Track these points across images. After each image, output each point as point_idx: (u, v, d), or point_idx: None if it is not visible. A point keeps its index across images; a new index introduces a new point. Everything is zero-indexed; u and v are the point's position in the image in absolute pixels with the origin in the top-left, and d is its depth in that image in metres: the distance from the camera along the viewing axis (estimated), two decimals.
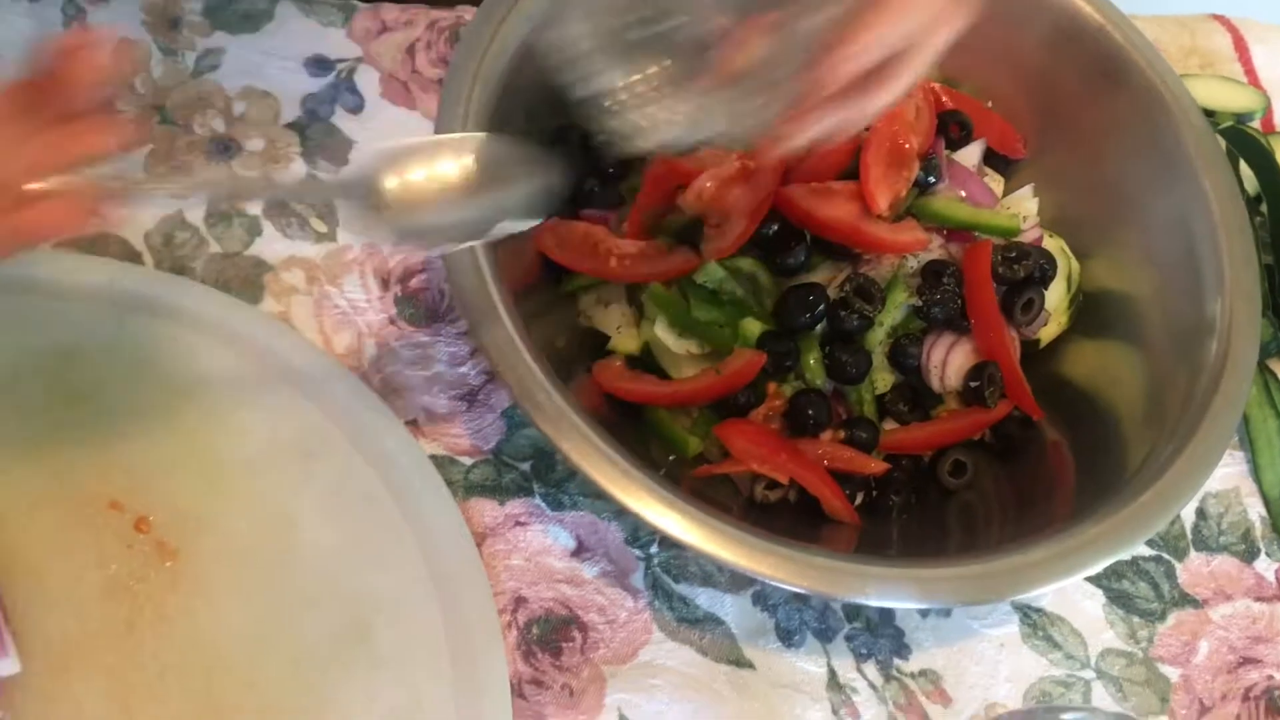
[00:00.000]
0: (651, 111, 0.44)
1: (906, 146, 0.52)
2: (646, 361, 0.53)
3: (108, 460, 0.49)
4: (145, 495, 0.49)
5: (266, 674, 0.46)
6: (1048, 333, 0.57)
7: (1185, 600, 0.58)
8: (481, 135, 0.46)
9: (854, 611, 0.54)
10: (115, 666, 0.45)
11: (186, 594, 0.47)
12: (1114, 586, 0.57)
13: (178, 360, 0.52)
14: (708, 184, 0.50)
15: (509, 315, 0.46)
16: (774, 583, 0.43)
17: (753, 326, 0.50)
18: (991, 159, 0.61)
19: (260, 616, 0.47)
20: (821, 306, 0.50)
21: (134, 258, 0.55)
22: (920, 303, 0.52)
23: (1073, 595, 0.57)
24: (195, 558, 0.48)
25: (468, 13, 0.65)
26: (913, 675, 0.54)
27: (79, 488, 0.48)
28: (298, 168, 0.58)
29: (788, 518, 0.50)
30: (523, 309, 0.48)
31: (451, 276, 0.47)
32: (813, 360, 0.51)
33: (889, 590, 0.44)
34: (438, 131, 0.50)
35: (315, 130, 0.60)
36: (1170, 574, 0.58)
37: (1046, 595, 0.57)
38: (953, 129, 0.57)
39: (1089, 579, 0.57)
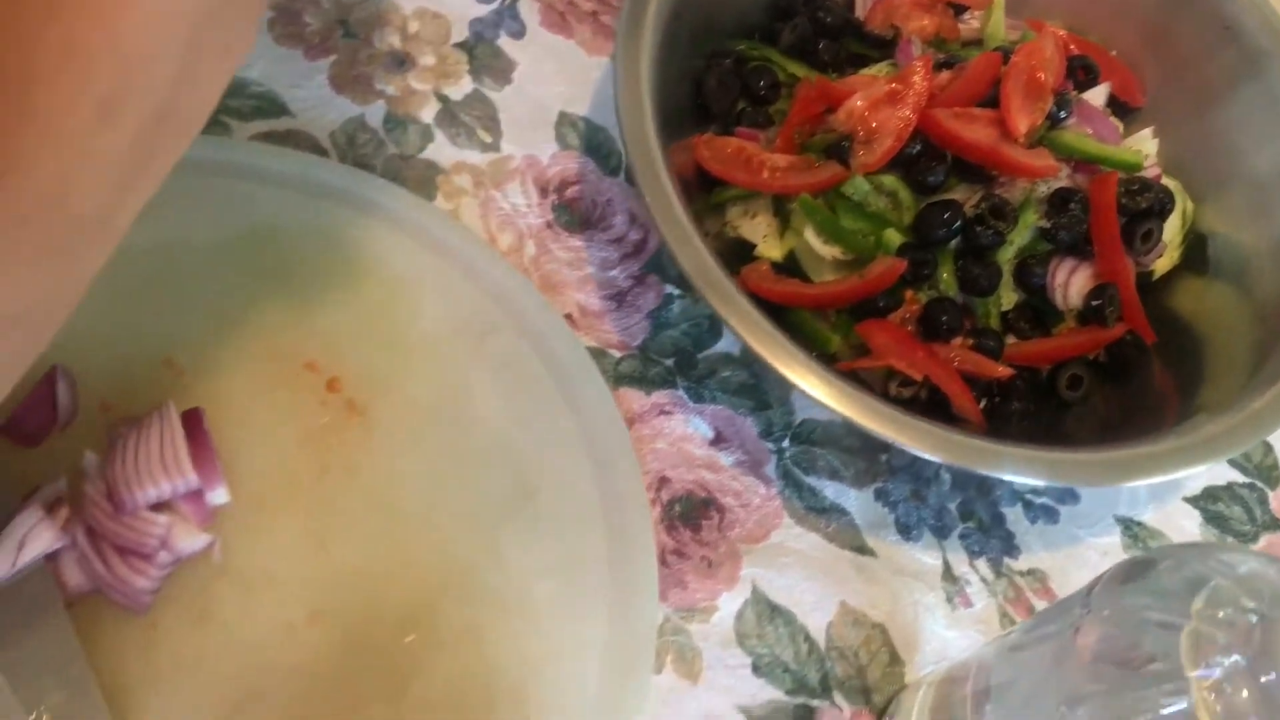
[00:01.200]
0: None
1: (1042, 79, 0.56)
2: (790, 268, 0.57)
3: (304, 326, 0.54)
4: (336, 359, 0.54)
5: (444, 523, 0.51)
6: (1161, 265, 0.60)
7: (1275, 525, 0.61)
8: None
9: (968, 513, 0.58)
10: (310, 506, 0.50)
11: (373, 448, 0.52)
12: (1210, 508, 0.61)
13: (363, 243, 0.57)
14: (859, 104, 0.54)
15: (682, 210, 0.50)
16: (918, 453, 0.47)
17: (894, 237, 0.54)
18: (1111, 106, 0.65)
19: (439, 472, 0.52)
20: (959, 222, 0.54)
21: (321, 153, 0.59)
22: (1048, 225, 0.56)
23: (1172, 514, 0.61)
24: (381, 417, 0.53)
25: None
26: (1021, 573, 0.58)
27: (279, 349, 0.53)
28: (466, 83, 0.63)
29: (918, 414, 0.54)
30: None
31: (633, 170, 0.51)
32: (946, 273, 0.55)
33: (1022, 467, 0.48)
34: (616, 50, 0.54)
35: (481, 51, 0.64)
36: (1263, 500, 0.62)
37: (1148, 510, 0.60)
38: (1079, 72, 0.61)
39: (1187, 499, 0.61)
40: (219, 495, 0.49)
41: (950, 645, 0.55)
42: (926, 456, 0.47)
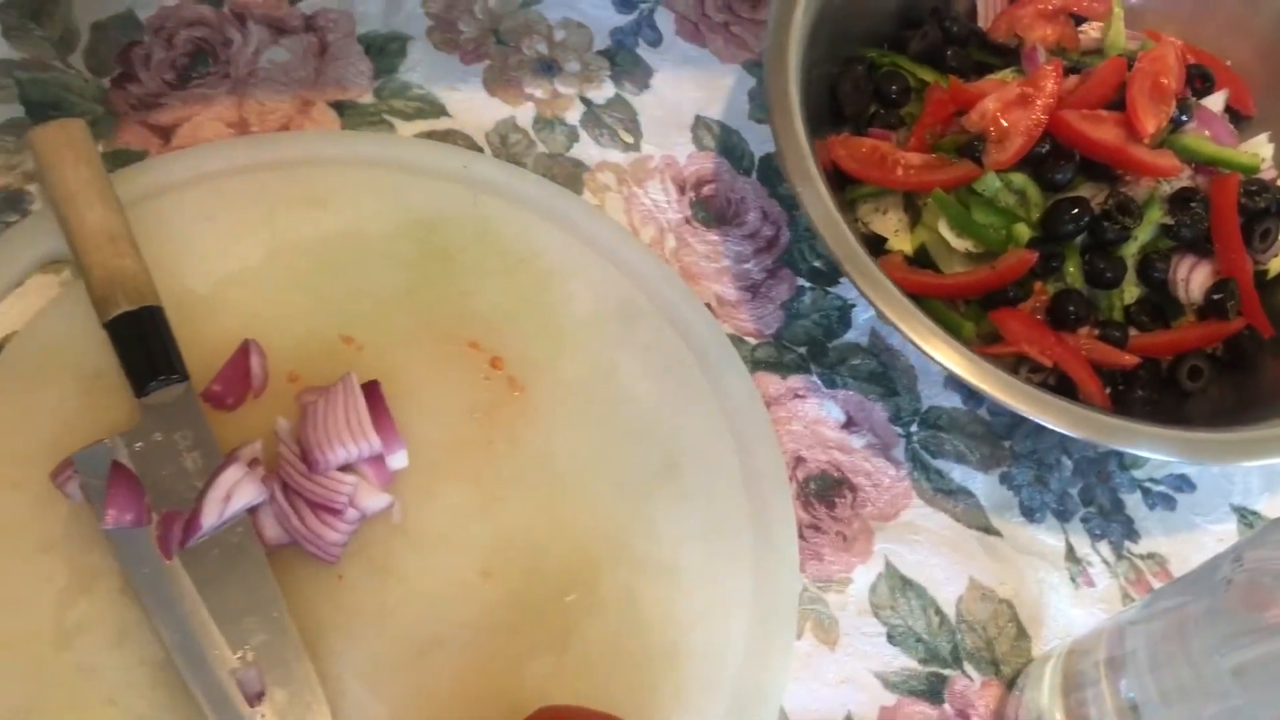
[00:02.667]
0: None
1: (1165, 84, 0.59)
2: (920, 262, 0.60)
3: (466, 308, 0.58)
4: (497, 339, 0.57)
5: (596, 492, 0.55)
6: (1276, 264, 0.63)
7: None
8: None
9: (1089, 498, 0.61)
10: (476, 474, 0.54)
11: (532, 422, 0.56)
12: None
13: (518, 233, 0.61)
14: (992, 105, 0.58)
15: (831, 201, 0.54)
16: (1058, 428, 0.50)
17: (1024, 231, 0.57)
18: (1226, 114, 0.67)
19: (591, 445, 0.56)
20: (1086, 218, 0.57)
21: (477, 150, 0.64)
22: (1171, 222, 0.59)
23: None
24: (538, 393, 0.56)
25: None
26: (1141, 556, 0.60)
27: (444, 329, 0.57)
28: (608, 88, 0.67)
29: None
30: None
31: (787, 167, 0.55)
32: (1073, 266, 0.58)
33: (1157, 444, 0.51)
34: (765, 56, 0.58)
35: (622, 58, 0.68)
36: None
37: (1262, 500, 0.62)
38: (1197, 81, 0.64)
39: None
40: (399, 459, 0.53)
41: (1075, 622, 0.57)
42: (1066, 431, 0.50)
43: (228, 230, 0.57)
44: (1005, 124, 0.57)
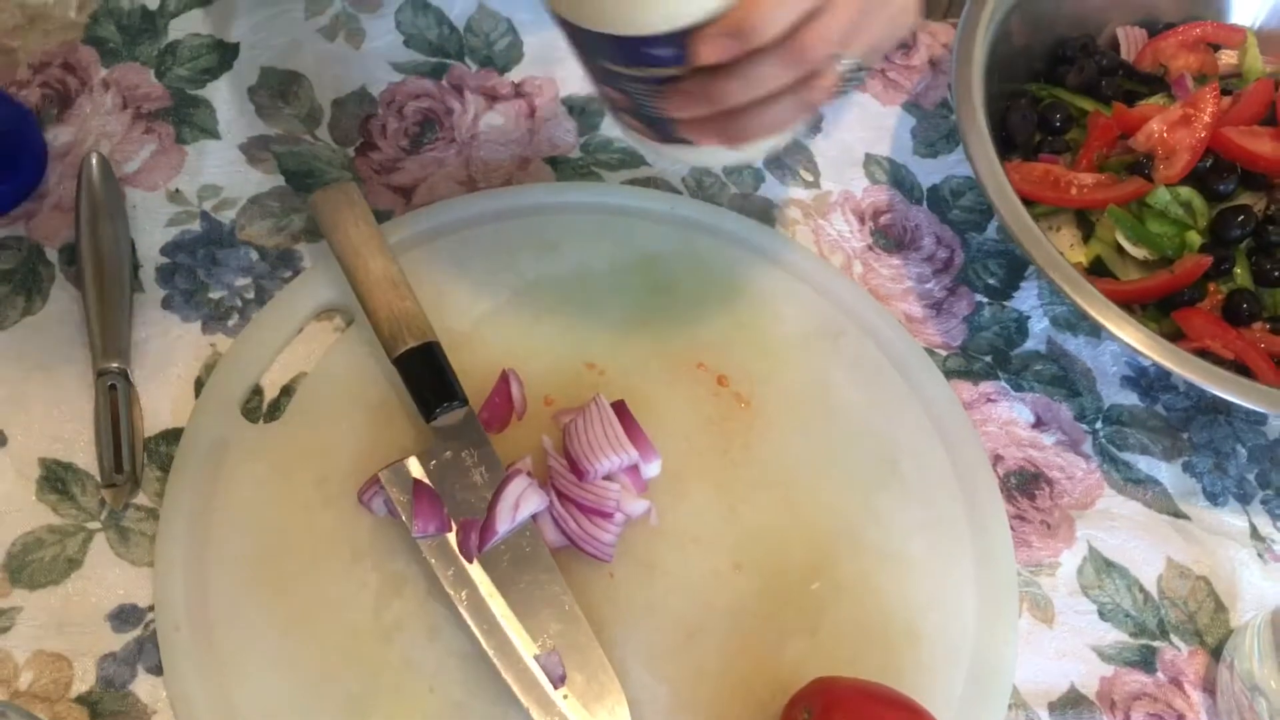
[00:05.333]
0: None
1: None
2: (1095, 271, 0.66)
3: (691, 333, 0.64)
4: (720, 359, 0.64)
5: (827, 490, 0.60)
6: None
7: None
8: None
9: (1265, 481, 0.66)
10: (718, 478, 0.60)
11: (760, 431, 0.62)
12: None
13: (726, 264, 0.67)
14: (1157, 126, 0.64)
15: (1029, 216, 0.60)
16: (1248, 404, 0.56)
17: (1196, 237, 0.63)
18: None
19: (816, 450, 0.62)
20: (1252, 224, 0.63)
21: (677, 194, 0.70)
22: None
23: None
24: (763, 406, 0.62)
25: None
26: None
27: (673, 352, 0.64)
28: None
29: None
30: None
31: (986, 186, 0.62)
32: (1241, 268, 0.63)
33: None
34: (954, 91, 0.64)
35: None
36: None
37: None
38: None
39: None
40: (654, 468, 0.59)
41: (1266, 594, 0.62)
42: (1261, 409, 0.55)
43: (477, 275, 0.64)
44: (1170, 143, 0.63)
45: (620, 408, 0.59)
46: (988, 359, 0.67)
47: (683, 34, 0.43)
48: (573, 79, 0.73)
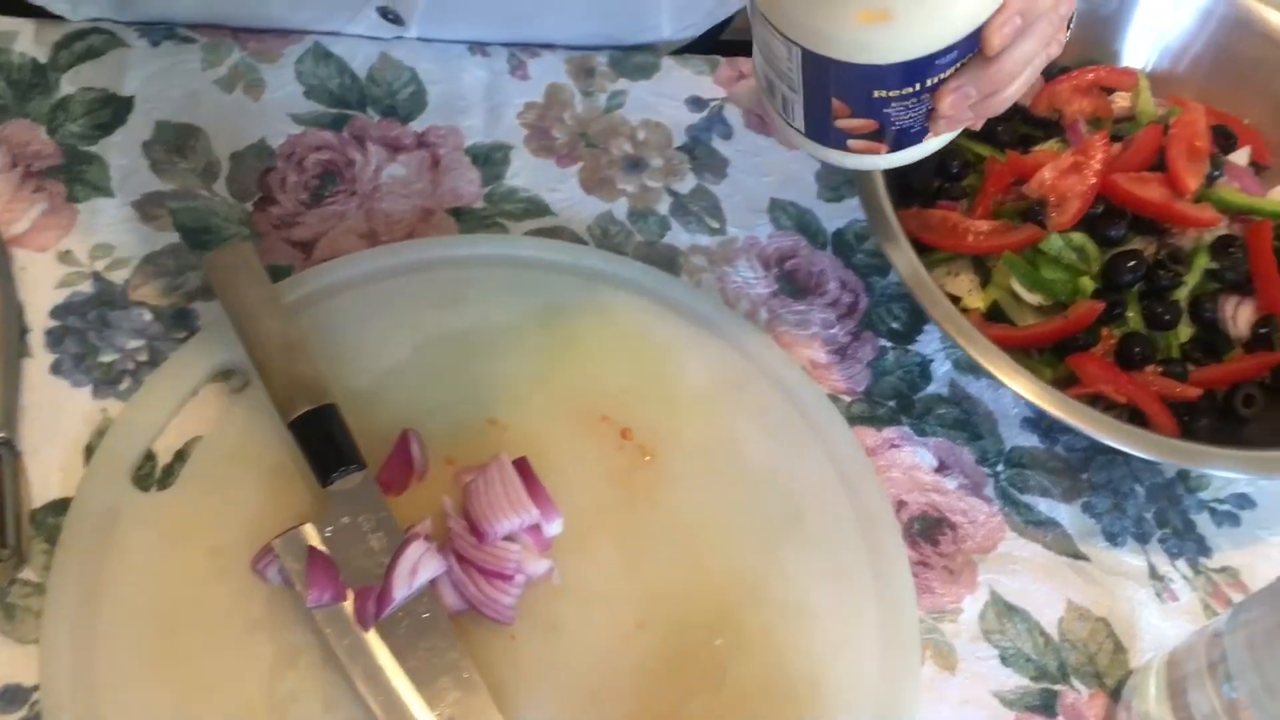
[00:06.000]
0: None
1: (1199, 146, 0.66)
2: (992, 316, 0.67)
3: (595, 386, 0.64)
4: (625, 412, 0.63)
5: (731, 543, 0.61)
6: None
7: None
8: None
9: (1163, 520, 0.67)
10: (623, 535, 0.60)
11: (666, 484, 0.62)
12: None
13: (630, 315, 0.67)
14: (1048, 174, 0.65)
15: (920, 263, 0.60)
16: (1139, 453, 0.57)
17: (1088, 283, 0.64)
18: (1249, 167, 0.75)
19: (721, 503, 0.62)
20: (1143, 269, 0.64)
21: (582, 243, 0.70)
22: (1215, 267, 0.66)
23: None
24: (668, 459, 0.62)
25: None
26: (1215, 570, 0.66)
27: (577, 406, 0.63)
28: (690, 179, 0.74)
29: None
30: None
31: (880, 237, 0.62)
32: (1133, 312, 0.65)
33: (1228, 464, 0.57)
34: None
35: (699, 151, 0.76)
36: None
37: None
38: (1222, 139, 0.71)
39: None
40: (555, 526, 0.59)
41: (1165, 634, 0.63)
42: (1147, 456, 0.56)
43: (378, 331, 0.64)
44: (1063, 190, 0.64)
45: (522, 465, 0.59)
46: (891, 404, 0.68)
47: (970, 35, 0.48)
48: (476, 128, 0.73)
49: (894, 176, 0.70)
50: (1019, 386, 0.57)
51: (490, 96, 0.75)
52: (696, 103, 0.78)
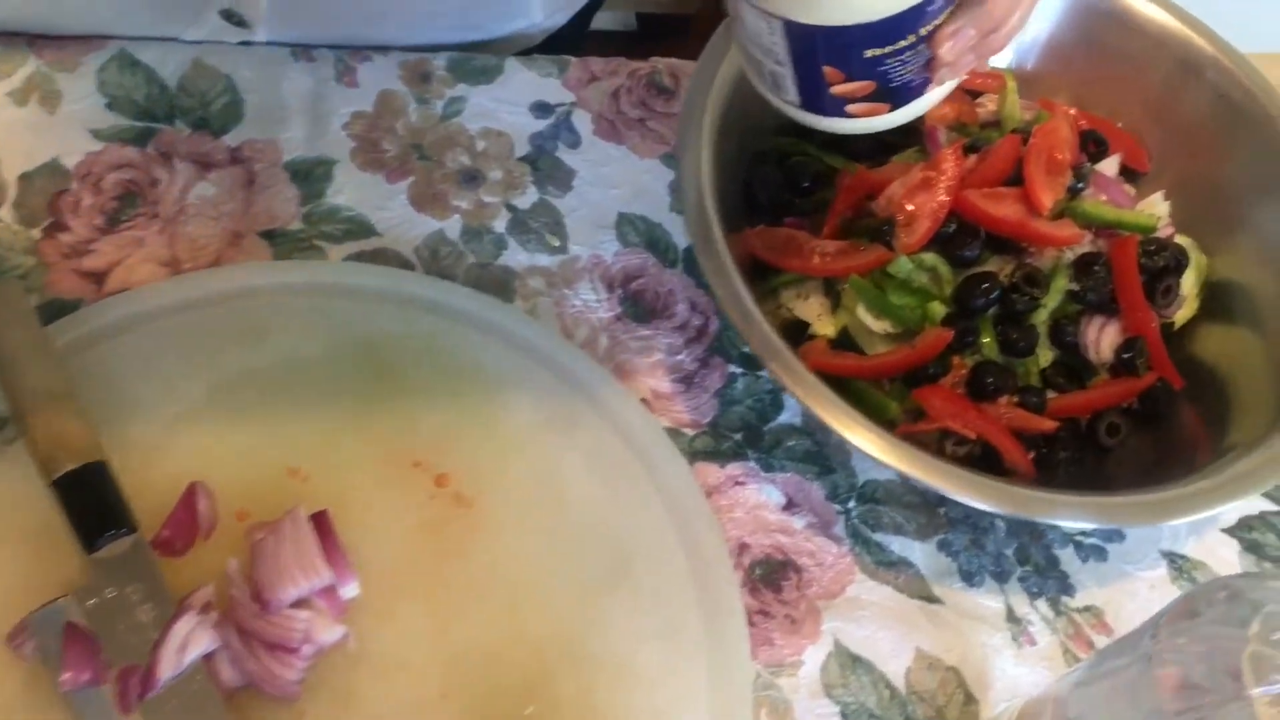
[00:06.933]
0: None
1: (1060, 158, 0.62)
2: (843, 344, 0.63)
3: (409, 427, 0.59)
4: (442, 456, 0.59)
5: (550, 598, 0.56)
6: (1181, 315, 0.66)
7: None
8: None
9: (1024, 557, 0.63)
10: (432, 592, 0.55)
11: (483, 535, 0.57)
12: (1247, 537, 0.66)
13: (454, 348, 0.62)
14: (897, 191, 0.60)
15: (746, 292, 0.56)
16: (979, 505, 0.53)
17: (938, 309, 0.60)
18: (1121, 174, 0.70)
19: (544, 554, 0.57)
20: (996, 292, 0.60)
21: (408, 267, 0.65)
22: (1077, 288, 0.61)
23: (1212, 544, 0.65)
24: (487, 506, 0.58)
25: (661, 62, 0.76)
26: (1078, 610, 0.62)
27: (389, 450, 0.58)
28: (531, 193, 0.69)
29: (973, 469, 0.59)
30: None
31: (705, 266, 0.57)
32: (988, 338, 0.60)
33: (1074, 513, 0.53)
34: (677, 153, 0.60)
35: (543, 162, 0.71)
36: None
37: (1189, 543, 0.65)
38: (1091, 145, 0.67)
39: (1224, 530, 0.66)
40: (351, 589, 0.54)
41: (1020, 682, 0.59)
42: (988, 509, 0.52)
43: (169, 372, 0.58)
44: (911, 208, 0.60)
45: (321, 520, 0.54)
46: (738, 436, 0.64)
47: None
48: (297, 141, 0.68)
49: (737, 193, 0.66)
50: (844, 428, 0.53)
51: (314, 106, 0.69)
52: (542, 108, 0.73)
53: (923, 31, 0.48)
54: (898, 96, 0.52)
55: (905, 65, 0.50)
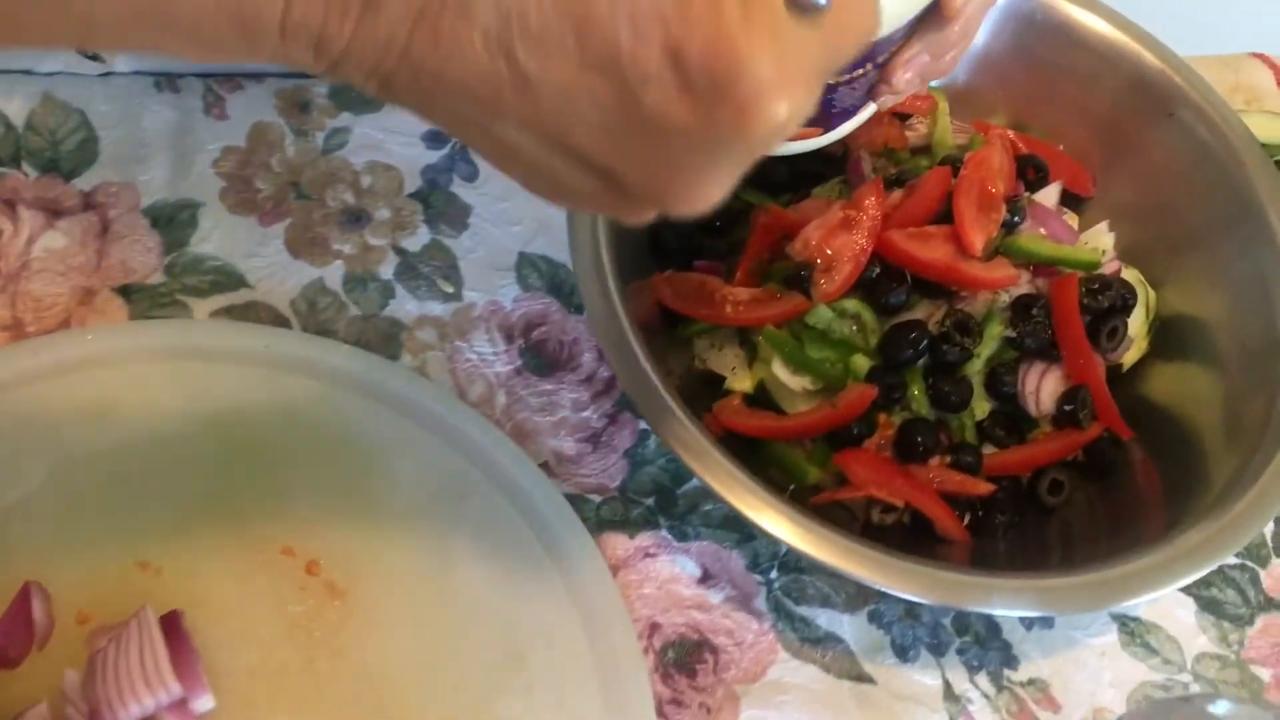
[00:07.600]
0: None
1: (993, 191, 0.56)
2: (761, 399, 0.57)
3: (276, 509, 0.53)
4: (313, 540, 0.53)
5: (435, 699, 0.50)
6: (1129, 357, 0.61)
7: (1271, 604, 0.61)
8: None
9: (963, 626, 0.58)
10: (299, 698, 0.49)
11: (357, 629, 0.51)
12: (1204, 594, 0.61)
13: (331, 415, 0.56)
14: (814, 233, 0.55)
15: (644, 355, 0.50)
16: (905, 596, 0.47)
17: (862, 362, 0.54)
18: (1063, 199, 0.65)
19: (426, 647, 0.51)
20: (925, 342, 0.54)
21: (283, 323, 0.59)
22: (1013, 334, 0.56)
23: (1166, 604, 0.60)
24: (363, 596, 0.52)
25: None
26: (1022, 684, 0.57)
27: (254, 536, 0.53)
28: (423, 233, 0.63)
29: (902, 539, 0.54)
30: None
31: (591, 318, 0.52)
32: (917, 391, 0.55)
33: (1011, 600, 0.48)
34: None
35: (435, 198, 0.64)
36: (1255, 580, 0.62)
37: (1141, 605, 0.60)
38: (1030, 172, 0.62)
39: (1181, 589, 0.61)
40: (204, 702, 0.48)
41: None
42: (916, 600, 0.47)
43: (1, 455, 0.52)
44: (831, 251, 0.54)
45: (171, 622, 0.48)
46: (649, 501, 0.58)
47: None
48: (158, 182, 0.61)
49: (644, 234, 0.60)
50: (751, 511, 0.47)
51: (178, 142, 0.63)
52: (436, 138, 0.66)
53: (881, 59, 0.47)
54: (835, 120, 0.50)
55: (855, 92, 0.48)
